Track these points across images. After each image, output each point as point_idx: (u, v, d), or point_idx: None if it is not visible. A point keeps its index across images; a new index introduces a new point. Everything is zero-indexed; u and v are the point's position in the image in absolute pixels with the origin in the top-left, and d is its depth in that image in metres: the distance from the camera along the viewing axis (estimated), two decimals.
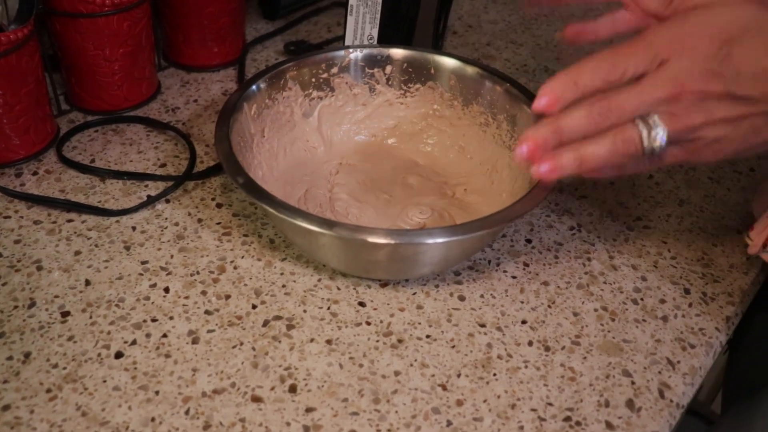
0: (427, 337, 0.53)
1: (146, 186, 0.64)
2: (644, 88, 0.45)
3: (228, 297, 0.55)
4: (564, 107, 0.46)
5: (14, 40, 0.59)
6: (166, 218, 0.61)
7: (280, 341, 0.52)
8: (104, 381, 0.49)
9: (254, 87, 0.62)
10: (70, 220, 0.60)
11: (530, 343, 0.53)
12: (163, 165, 0.67)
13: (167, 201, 0.63)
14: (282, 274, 0.57)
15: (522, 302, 0.56)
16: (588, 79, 0.45)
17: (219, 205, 0.63)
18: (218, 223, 0.61)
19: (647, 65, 0.45)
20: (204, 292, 0.55)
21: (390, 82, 0.69)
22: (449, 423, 0.47)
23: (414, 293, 0.56)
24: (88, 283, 0.55)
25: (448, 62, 0.67)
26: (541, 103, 0.46)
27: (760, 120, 0.46)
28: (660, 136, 0.45)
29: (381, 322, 0.53)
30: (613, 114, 0.45)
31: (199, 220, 0.61)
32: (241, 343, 0.51)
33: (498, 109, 0.65)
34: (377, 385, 0.49)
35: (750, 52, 0.44)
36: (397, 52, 0.68)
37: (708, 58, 0.44)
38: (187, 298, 0.54)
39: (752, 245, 0.57)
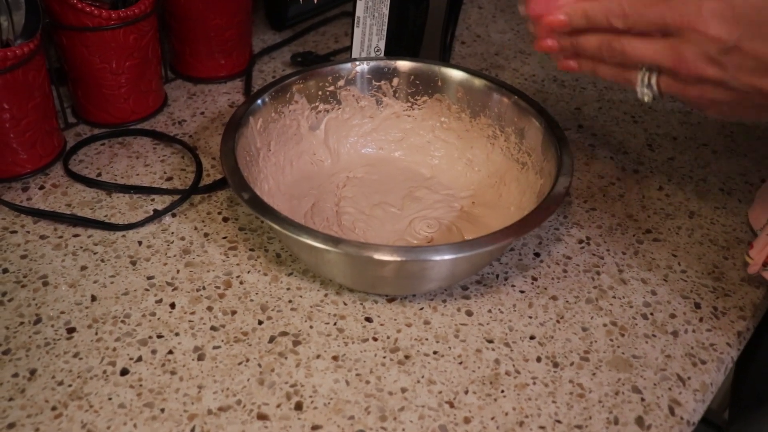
0: (435, 353, 0.52)
1: (153, 200, 0.64)
2: (650, 48, 0.48)
3: (234, 312, 0.54)
4: (569, 31, 0.52)
5: (21, 54, 0.60)
6: (173, 232, 0.61)
7: (286, 357, 0.51)
8: (110, 398, 0.48)
9: (260, 101, 0.62)
10: (76, 235, 0.60)
11: (538, 359, 0.52)
12: (170, 178, 0.67)
13: (173, 215, 0.63)
14: (288, 289, 0.56)
15: (530, 317, 0.55)
16: (599, 18, 0.50)
17: (225, 219, 0.62)
18: (224, 238, 0.61)
19: (657, 29, 0.47)
20: (210, 308, 0.55)
21: (397, 95, 0.68)
22: None
23: (421, 308, 0.55)
24: (94, 298, 0.55)
25: (456, 74, 0.67)
26: (555, 17, 0.52)
27: (745, 97, 0.47)
28: (651, 94, 0.50)
29: (388, 337, 0.53)
30: (618, 56, 0.50)
31: (206, 235, 0.61)
32: (247, 360, 0.51)
33: (506, 121, 0.64)
34: (384, 402, 0.49)
35: (763, 42, 0.44)
36: (404, 65, 0.68)
37: (714, 44, 0.45)
38: (193, 313, 0.54)
39: (752, 264, 0.55)
